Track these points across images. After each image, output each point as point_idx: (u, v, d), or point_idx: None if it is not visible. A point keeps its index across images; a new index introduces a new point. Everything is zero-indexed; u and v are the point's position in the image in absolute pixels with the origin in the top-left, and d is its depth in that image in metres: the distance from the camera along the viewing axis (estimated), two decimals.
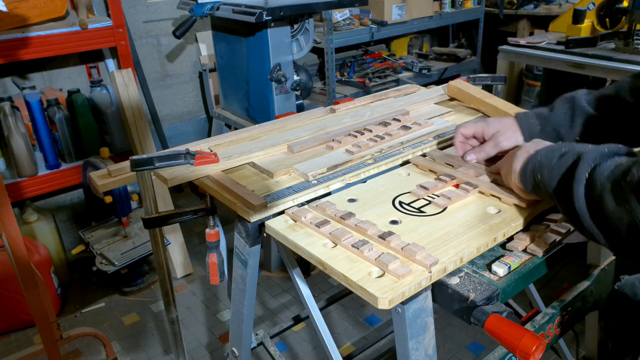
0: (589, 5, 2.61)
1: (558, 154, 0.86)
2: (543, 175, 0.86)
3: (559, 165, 0.84)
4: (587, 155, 0.80)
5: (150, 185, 1.05)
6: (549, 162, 0.86)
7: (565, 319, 1.09)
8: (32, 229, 2.41)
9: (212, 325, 2.29)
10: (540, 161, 0.88)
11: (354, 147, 1.17)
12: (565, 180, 0.82)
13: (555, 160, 0.85)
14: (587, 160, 0.79)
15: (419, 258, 0.80)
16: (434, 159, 1.16)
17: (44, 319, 1.62)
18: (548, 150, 0.89)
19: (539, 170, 0.88)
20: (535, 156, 0.90)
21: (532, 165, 0.90)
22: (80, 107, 2.31)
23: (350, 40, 3.30)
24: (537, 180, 0.88)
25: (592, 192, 0.76)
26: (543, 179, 0.87)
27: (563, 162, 0.84)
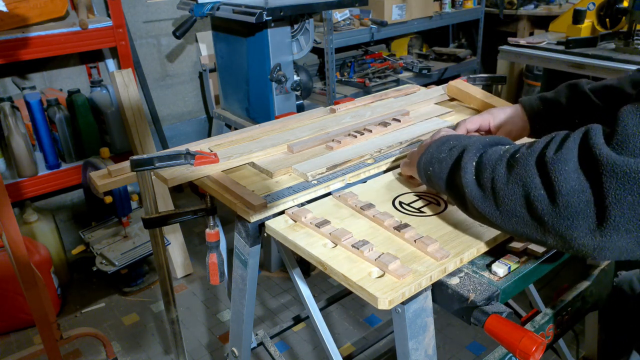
0: (589, 6, 2.61)
1: (447, 147, 0.88)
2: (434, 168, 0.88)
3: (447, 158, 0.86)
4: (472, 146, 0.83)
5: (151, 185, 1.06)
6: (438, 155, 0.89)
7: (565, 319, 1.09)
8: (32, 229, 2.41)
9: (212, 326, 2.29)
10: (431, 154, 0.91)
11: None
12: (453, 170, 0.84)
13: (444, 153, 0.88)
14: (472, 150, 0.82)
15: (430, 250, 0.82)
16: None
17: (44, 319, 1.62)
18: (438, 144, 0.91)
19: (430, 163, 0.90)
20: (428, 149, 0.93)
21: (424, 158, 0.92)
22: (80, 107, 2.31)
23: (351, 41, 3.30)
24: (429, 173, 0.90)
25: (482, 175, 0.77)
26: (434, 171, 0.88)
27: (450, 155, 0.86)
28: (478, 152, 0.81)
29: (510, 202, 0.73)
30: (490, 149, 0.81)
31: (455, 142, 0.89)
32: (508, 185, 0.73)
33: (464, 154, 0.82)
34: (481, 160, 0.79)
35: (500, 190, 0.74)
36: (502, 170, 0.74)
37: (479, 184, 0.78)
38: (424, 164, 0.92)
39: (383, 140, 1.24)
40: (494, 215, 0.76)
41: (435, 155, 0.89)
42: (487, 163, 0.77)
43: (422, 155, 0.93)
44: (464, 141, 0.87)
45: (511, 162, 0.74)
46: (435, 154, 0.90)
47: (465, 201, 0.81)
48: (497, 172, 0.75)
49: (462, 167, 0.81)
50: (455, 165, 0.83)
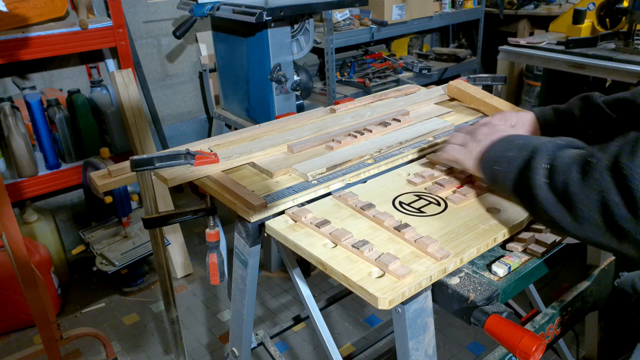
0: (589, 6, 2.61)
1: (515, 146, 0.86)
2: (502, 167, 0.86)
3: (516, 158, 0.84)
4: (543, 148, 0.81)
5: (151, 186, 1.06)
6: (506, 153, 0.86)
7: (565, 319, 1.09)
8: (32, 229, 2.41)
9: (212, 326, 2.29)
10: (496, 152, 0.89)
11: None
12: (523, 172, 0.82)
13: (512, 152, 0.85)
14: (543, 151, 0.80)
15: (430, 250, 0.82)
16: None
17: (44, 319, 1.62)
18: (505, 142, 0.89)
19: (496, 161, 0.88)
20: (492, 147, 0.91)
21: (489, 155, 0.90)
22: (80, 107, 2.31)
23: (351, 41, 3.30)
24: (496, 170, 0.88)
25: (555, 178, 0.75)
26: (501, 170, 0.86)
27: (520, 155, 0.84)
28: (550, 153, 0.79)
29: (585, 209, 0.71)
30: (562, 151, 0.78)
31: (524, 141, 0.86)
32: (583, 191, 0.71)
33: (536, 155, 0.80)
34: (554, 162, 0.77)
35: (574, 195, 0.72)
36: (576, 175, 0.72)
37: (551, 187, 0.76)
38: (489, 162, 0.90)
39: (383, 140, 1.24)
40: (565, 221, 0.75)
41: (502, 154, 0.87)
42: (560, 166, 0.75)
43: (486, 152, 0.91)
44: (534, 141, 0.85)
45: (585, 167, 0.72)
46: (502, 152, 0.87)
47: (534, 205, 0.79)
48: (570, 177, 0.73)
49: (533, 169, 0.79)
50: (526, 166, 0.81)
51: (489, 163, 0.90)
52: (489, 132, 0.96)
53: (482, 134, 0.96)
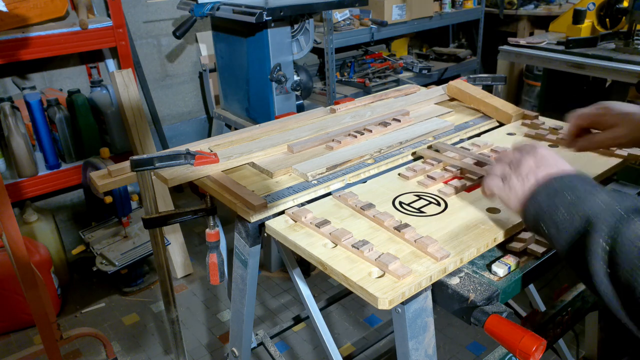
0: (589, 6, 2.61)
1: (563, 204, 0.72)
2: (549, 229, 0.73)
3: (565, 224, 0.70)
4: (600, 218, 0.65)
5: (151, 186, 1.06)
6: (553, 212, 0.73)
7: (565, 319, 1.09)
8: (32, 229, 2.41)
9: (212, 326, 2.29)
10: (540, 206, 0.75)
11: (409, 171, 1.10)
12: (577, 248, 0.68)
13: (560, 213, 0.71)
14: (600, 225, 0.64)
15: (430, 250, 0.82)
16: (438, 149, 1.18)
17: (44, 319, 1.62)
18: (550, 193, 0.75)
19: (541, 218, 0.75)
20: (537, 196, 0.77)
21: (534, 208, 0.77)
22: (80, 107, 2.31)
23: (351, 41, 3.30)
24: (542, 230, 0.75)
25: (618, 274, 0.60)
26: (550, 233, 0.73)
27: (570, 221, 0.69)
28: (610, 229, 0.63)
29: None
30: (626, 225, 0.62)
31: (574, 196, 0.71)
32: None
33: (591, 231, 0.65)
34: (616, 248, 0.61)
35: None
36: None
37: (612, 282, 0.62)
38: (534, 216, 0.77)
39: (383, 140, 1.24)
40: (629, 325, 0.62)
41: (547, 211, 0.73)
42: (625, 259, 0.59)
43: (529, 201, 0.78)
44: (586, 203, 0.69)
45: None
46: (548, 209, 0.73)
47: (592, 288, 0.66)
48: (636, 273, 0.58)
49: (589, 250, 0.64)
50: (579, 240, 0.67)
51: (533, 217, 0.77)
52: (534, 165, 0.81)
53: (527, 168, 0.81)
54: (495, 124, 1.39)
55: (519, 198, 0.81)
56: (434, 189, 1.04)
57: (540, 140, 1.25)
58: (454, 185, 1.02)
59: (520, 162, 0.83)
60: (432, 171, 1.09)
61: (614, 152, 1.14)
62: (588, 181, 0.75)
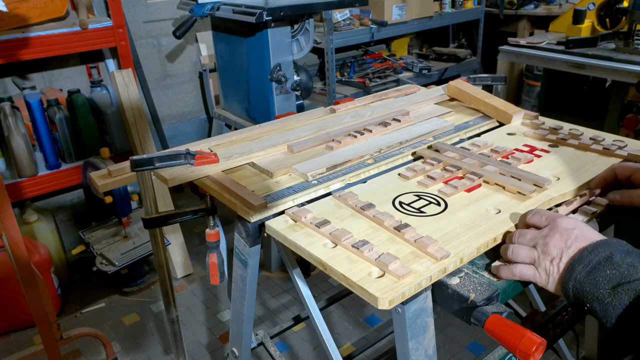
0: (589, 6, 2.61)
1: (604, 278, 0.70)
2: (593, 307, 0.71)
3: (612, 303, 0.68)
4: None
5: (151, 186, 1.06)
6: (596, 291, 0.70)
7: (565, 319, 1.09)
8: (32, 229, 2.41)
9: (212, 326, 2.29)
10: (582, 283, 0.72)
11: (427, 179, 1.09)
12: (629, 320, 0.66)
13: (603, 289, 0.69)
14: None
15: (430, 250, 0.82)
16: (438, 149, 1.18)
17: (44, 319, 1.62)
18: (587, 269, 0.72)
19: (584, 297, 0.72)
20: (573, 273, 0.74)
21: (573, 285, 0.74)
22: (80, 107, 2.31)
23: (351, 41, 3.30)
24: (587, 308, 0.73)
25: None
26: (594, 311, 0.72)
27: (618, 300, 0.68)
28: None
29: None
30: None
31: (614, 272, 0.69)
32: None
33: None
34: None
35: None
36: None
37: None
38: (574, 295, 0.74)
39: (383, 140, 1.24)
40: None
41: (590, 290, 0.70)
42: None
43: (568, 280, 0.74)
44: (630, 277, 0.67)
45: None
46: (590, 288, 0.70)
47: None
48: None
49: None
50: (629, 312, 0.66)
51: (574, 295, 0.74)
52: (563, 245, 0.77)
53: (557, 249, 0.78)
54: (495, 124, 1.39)
55: (556, 281, 0.78)
56: (434, 189, 1.04)
57: (541, 140, 1.25)
58: (454, 185, 1.02)
59: (547, 244, 0.79)
60: (432, 171, 1.09)
61: (614, 152, 1.14)
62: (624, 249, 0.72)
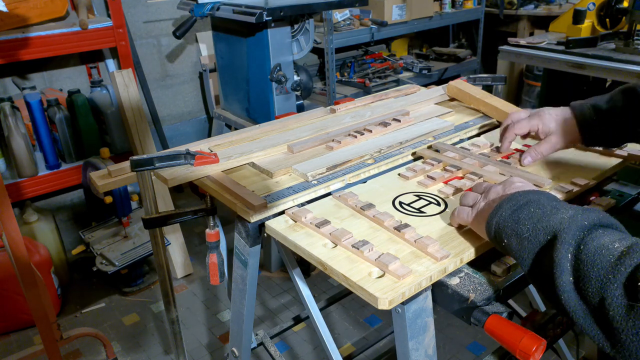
0: (589, 6, 2.61)
1: (526, 216, 0.71)
2: (511, 244, 0.72)
3: (530, 239, 0.69)
4: (565, 232, 0.65)
5: (151, 186, 1.06)
6: (516, 226, 0.72)
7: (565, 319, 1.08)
8: (32, 229, 2.41)
9: (213, 326, 2.29)
10: (505, 220, 0.74)
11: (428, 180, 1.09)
12: (541, 261, 0.67)
13: (524, 228, 0.70)
14: (566, 237, 0.64)
15: (430, 250, 0.82)
16: (438, 149, 1.18)
17: (44, 319, 1.62)
18: (513, 207, 0.74)
19: (504, 233, 0.74)
20: (500, 210, 0.76)
21: (496, 221, 0.76)
22: (80, 108, 2.31)
23: (351, 41, 3.30)
24: (504, 245, 0.74)
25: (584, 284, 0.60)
26: (511, 247, 0.73)
27: (534, 235, 0.69)
28: (575, 241, 0.63)
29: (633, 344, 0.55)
30: (590, 237, 0.63)
31: (538, 211, 0.70)
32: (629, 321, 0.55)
33: (556, 242, 0.64)
34: (580, 258, 0.61)
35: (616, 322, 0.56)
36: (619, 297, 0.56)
37: (580, 294, 0.61)
38: (495, 231, 0.75)
39: (383, 140, 1.24)
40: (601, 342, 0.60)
41: (510, 225, 0.72)
42: (591, 270, 0.59)
43: (493, 216, 0.76)
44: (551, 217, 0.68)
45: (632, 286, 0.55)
46: (511, 223, 0.72)
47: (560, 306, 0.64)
48: (610, 295, 0.56)
49: (555, 263, 0.63)
50: (542, 253, 0.67)
51: (495, 229, 0.76)
52: (502, 190, 0.82)
53: (495, 193, 0.82)
54: (495, 124, 1.39)
55: (483, 218, 0.80)
56: (434, 189, 1.04)
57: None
58: (454, 186, 1.03)
59: (490, 189, 0.85)
60: (432, 171, 1.09)
61: (614, 152, 1.14)
62: (553, 198, 0.75)
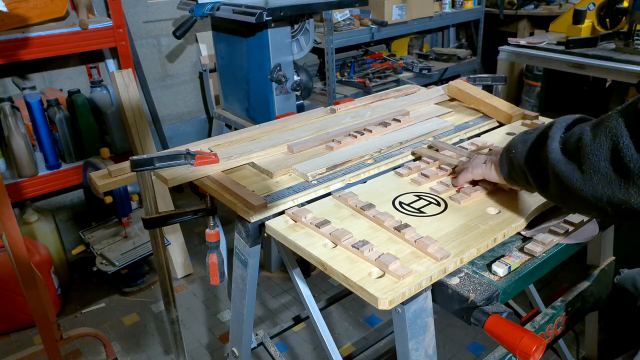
0: (589, 6, 2.61)
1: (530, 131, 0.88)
2: (517, 149, 0.87)
3: (532, 136, 0.86)
4: (562, 120, 0.82)
5: (151, 186, 1.06)
6: (523, 137, 0.88)
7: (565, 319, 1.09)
8: (32, 229, 2.41)
9: (213, 326, 2.29)
10: (515, 140, 0.90)
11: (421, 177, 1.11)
12: (538, 142, 0.83)
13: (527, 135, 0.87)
14: (561, 122, 0.81)
15: (430, 251, 0.82)
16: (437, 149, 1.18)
17: (44, 319, 1.61)
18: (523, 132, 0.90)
19: (513, 146, 0.89)
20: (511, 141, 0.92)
21: (507, 146, 0.92)
22: (80, 108, 2.31)
23: (351, 41, 3.30)
24: (511, 156, 0.88)
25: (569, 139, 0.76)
26: (517, 152, 0.87)
27: (534, 132, 0.86)
28: (568, 122, 0.80)
29: (595, 158, 0.70)
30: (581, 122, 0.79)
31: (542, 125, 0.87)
32: (595, 141, 0.71)
33: (552, 125, 0.81)
34: (571, 129, 0.78)
35: (587, 147, 0.72)
36: (589, 131, 0.73)
37: (564, 150, 0.76)
38: (506, 152, 0.91)
39: (383, 140, 1.24)
40: (574, 178, 0.74)
41: (518, 139, 0.88)
42: (576, 129, 0.76)
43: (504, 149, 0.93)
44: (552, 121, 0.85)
45: (600, 121, 0.72)
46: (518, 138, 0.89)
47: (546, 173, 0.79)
48: (584, 133, 0.73)
49: (550, 137, 0.79)
50: (541, 136, 0.82)
51: (506, 153, 0.90)
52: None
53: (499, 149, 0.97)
54: (495, 124, 1.39)
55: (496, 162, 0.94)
56: (426, 187, 1.05)
57: None
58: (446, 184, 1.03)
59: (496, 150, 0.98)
60: (427, 169, 1.10)
61: None
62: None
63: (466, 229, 0.90)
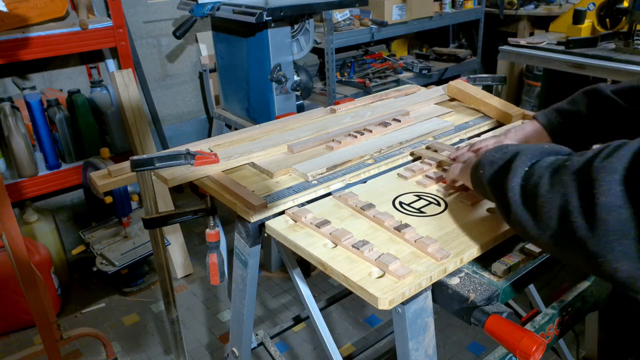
0: (589, 6, 2.61)
1: (502, 151, 0.84)
2: (485, 170, 0.84)
3: (498, 160, 0.82)
4: (528, 151, 0.78)
5: (151, 186, 1.06)
6: (492, 156, 0.84)
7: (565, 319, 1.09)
8: (32, 229, 2.41)
9: (213, 326, 2.29)
10: (484, 157, 0.87)
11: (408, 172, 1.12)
12: (501, 171, 0.79)
13: (498, 155, 0.83)
14: (527, 155, 0.77)
15: (430, 250, 0.82)
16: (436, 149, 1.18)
17: (44, 319, 1.61)
18: (494, 149, 0.87)
19: (482, 165, 0.86)
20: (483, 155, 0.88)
21: (478, 160, 0.89)
22: (80, 108, 2.31)
23: (351, 41, 3.30)
24: (479, 174, 0.85)
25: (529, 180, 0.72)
26: (484, 173, 0.84)
27: (503, 157, 0.81)
28: (534, 158, 0.76)
29: (547, 212, 0.66)
30: (546, 157, 0.75)
31: (512, 147, 0.83)
32: (549, 194, 0.67)
33: (517, 157, 0.77)
34: (533, 166, 0.74)
35: (541, 197, 0.68)
36: (547, 177, 0.68)
37: (523, 191, 0.73)
38: (475, 167, 0.88)
39: (383, 140, 1.24)
40: (528, 225, 0.71)
41: (488, 157, 0.85)
42: (537, 170, 0.72)
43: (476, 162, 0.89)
44: (520, 147, 0.82)
45: (558, 170, 0.68)
46: (489, 156, 0.85)
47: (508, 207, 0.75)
48: (542, 179, 0.69)
49: (512, 170, 0.76)
50: (505, 167, 0.78)
51: (475, 169, 0.88)
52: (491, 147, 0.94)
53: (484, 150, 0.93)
54: (495, 124, 1.39)
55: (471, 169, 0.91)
56: (433, 189, 1.04)
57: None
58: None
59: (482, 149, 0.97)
60: (430, 171, 1.10)
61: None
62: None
63: (466, 228, 0.90)
